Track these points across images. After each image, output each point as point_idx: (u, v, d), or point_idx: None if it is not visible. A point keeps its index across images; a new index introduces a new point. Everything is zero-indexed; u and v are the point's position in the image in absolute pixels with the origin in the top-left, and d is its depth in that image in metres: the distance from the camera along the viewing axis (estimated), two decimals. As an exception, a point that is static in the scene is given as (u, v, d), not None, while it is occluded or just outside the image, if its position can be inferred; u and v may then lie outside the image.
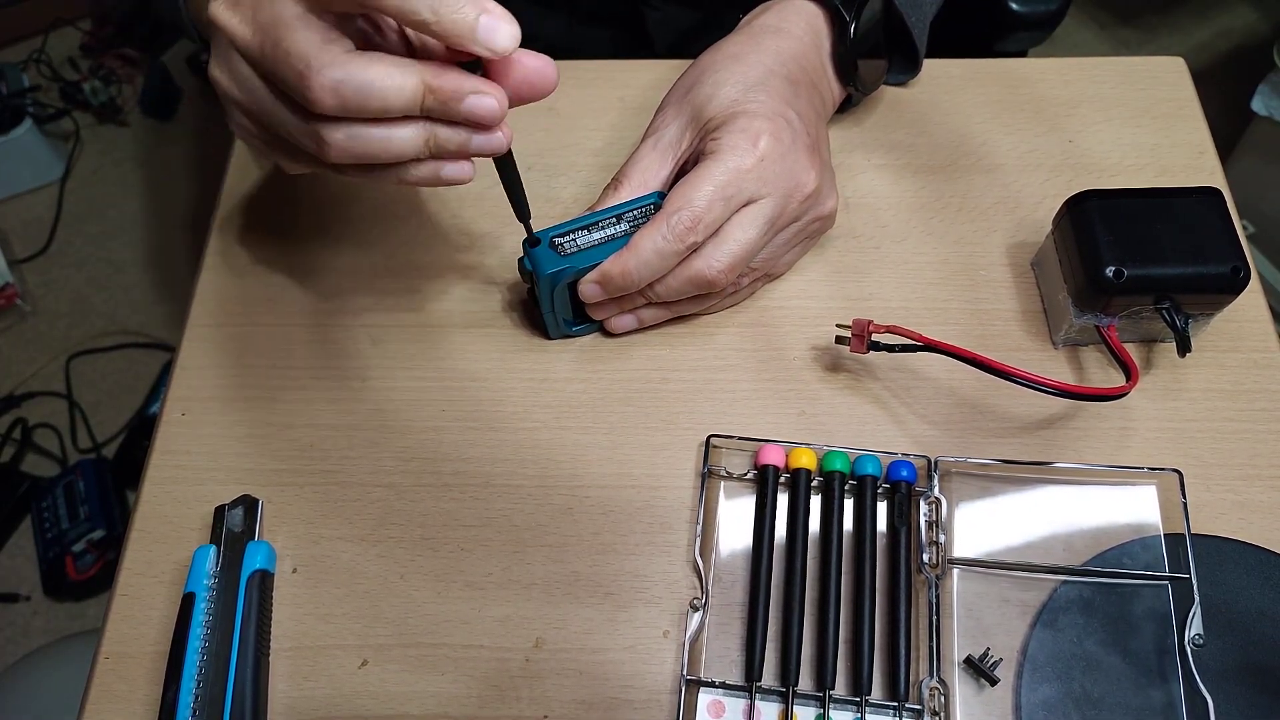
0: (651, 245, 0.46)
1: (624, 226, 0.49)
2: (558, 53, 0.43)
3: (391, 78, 0.37)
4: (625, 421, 0.51)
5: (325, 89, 0.36)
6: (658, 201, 0.49)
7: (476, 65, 0.39)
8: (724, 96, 0.49)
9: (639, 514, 0.48)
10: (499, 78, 0.40)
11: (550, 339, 0.54)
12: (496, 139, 0.40)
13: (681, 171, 0.51)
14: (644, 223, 0.48)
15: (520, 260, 0.49)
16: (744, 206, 0.47)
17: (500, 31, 0.36)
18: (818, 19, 0.54)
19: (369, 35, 0.41)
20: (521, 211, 0.46)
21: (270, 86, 0.39)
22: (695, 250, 0.47)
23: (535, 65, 0.40)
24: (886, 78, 0.61)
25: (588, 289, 0.48)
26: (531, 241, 0.48)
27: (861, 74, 0.56)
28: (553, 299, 0.50)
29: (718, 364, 0.53)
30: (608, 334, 0.54)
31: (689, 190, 0.46)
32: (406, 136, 0.39)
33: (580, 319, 0.53)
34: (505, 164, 0.44)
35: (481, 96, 0.38)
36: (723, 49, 0.52)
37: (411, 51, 0.42)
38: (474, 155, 0.41)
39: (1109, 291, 0.47)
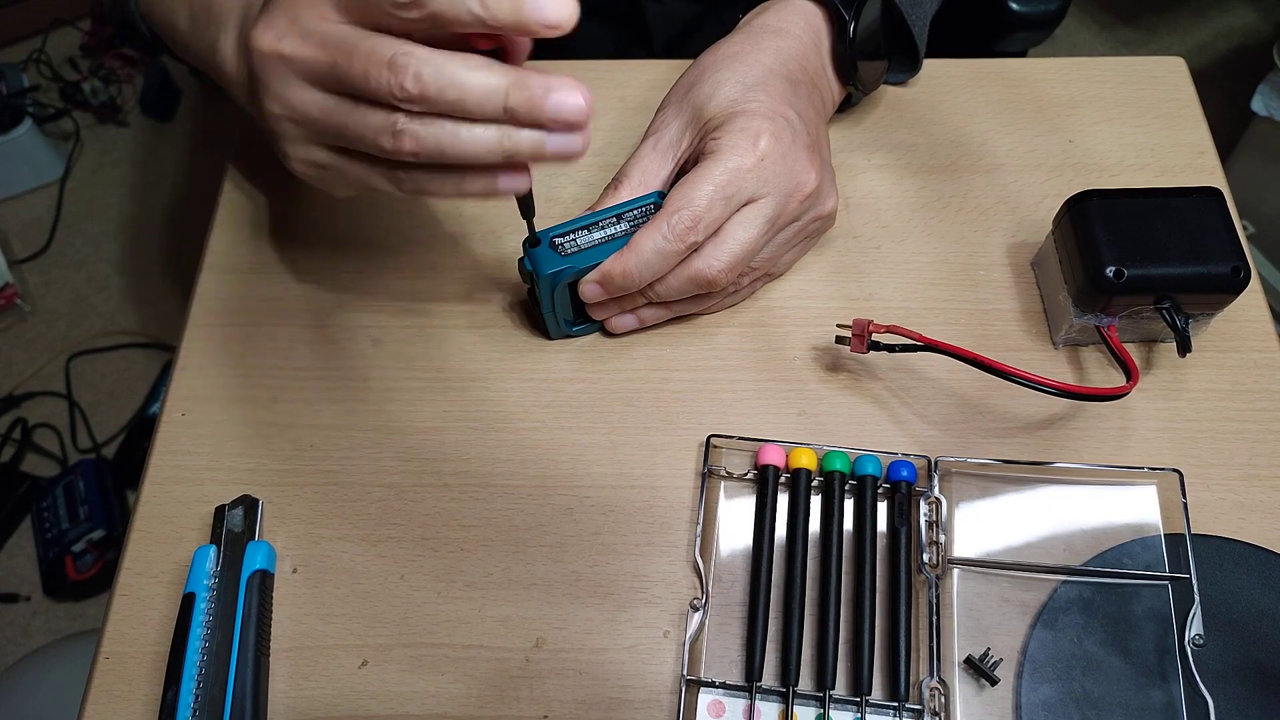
0: (652, 245, 0.46)
1: (624, 226, 0.49)
2: (558, 47, 0.43)
3: (479, 72, 0.37)
4: (625, 421, 0.51)
5: (412, 72, 0.36)
6: (658, 201, 0.49)
7: (498, 55, 0.39)
8: (724, 96, 0.49)
9: (639, 514, 0.48)
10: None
11: (550, 339, 0.54)
12: (575, 141, 0.39)
13: (681, 171, 0.51)
14: (644, 222, 0.48)
15: (520, 260, 0.49)
16: (744, 206, 0.47)
17: (550, 5, 0.36)
18: (817, 18, 0.54)
19: None
20: (527, 209, 0.46)
21: (344, 98, 0.39)
22: (695, 250, 0.47)
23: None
24: (886, 77, 0.61)
25: (588, 289, 0.48)
26: (531, 241, 0.48)
27: (861, 73, 0.56)
28: (553, 299, 0.50)
29: (718, 364, 0.53)
30: (608, 334, 0.54)
31: (689, 190, 0.46)
32: (483, 136, 0.38)
33: (580, 319, 0.53)
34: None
35: (569, 93, 0.37)
36: (722, 49, 0.52)
37: None
38: (549, 159, 0.39)
39: (1109, 291, 0.47)
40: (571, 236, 0.48)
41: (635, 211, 0.49)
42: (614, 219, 0.49)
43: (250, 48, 0.40)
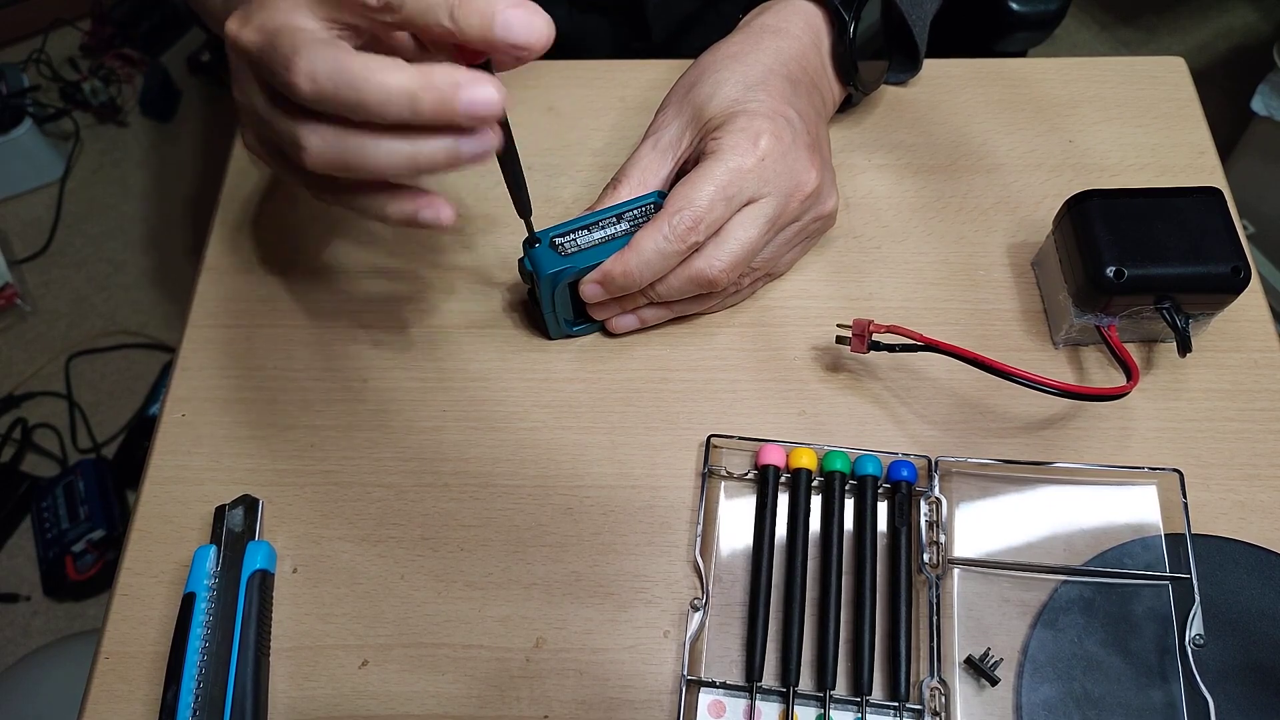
0: (653, 245, 0.46)
1: (624, 226, 0.49)
2: (557, 42, 0.43)
3: (382, 71, 0.34)
4: (625, 421, 0.51)
5: (304, 74, 0.34)
6: (658, 201, 0.49)
7: (486, 67, 0.38)
8: (724, 96, 0.49)
9: (639, 514, 0.48)
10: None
11: (551, 339, 0.54)
12: (488, 140, 0.37)
13: (682, 171, 0.51)
14: (645, 222, 0.48)
15: (520, 261, 0.49)
16: (745, 206, 0.47)
17: (518, 27, 0.34)
18: (817, 19, 0.54)
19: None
20: (523, 208, 0.46)
21: (265, 89, 0.39)
22: (696, 250, 0.47)
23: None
24: (887, 77, 0.61)
25: (589, 289, 0.48)
26: (531, 241, 0.48)
27: (862, 74, 0.56)
28: (553, 299, 0.50)
29: (718, 364, 0.53)
30: (608, 334, 0.54)
31: (690, 190, 0.46)
32: (391, 148, 0.36)
33: (581, 319, 0.53)
34: (508, 159, 0.43)
35: (479, 85, 0.35)
36: (722, 49, 0.52)
37: None
38: (463, 163, 0.37)
39: (1109, 291, 0.47)
40: (572, 236, 0.48)
41: (635, 211, 0.49)
42: (614, 219, 0.49)
43: (226, 33, 0.39)
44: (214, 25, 0.58)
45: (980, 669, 0.43)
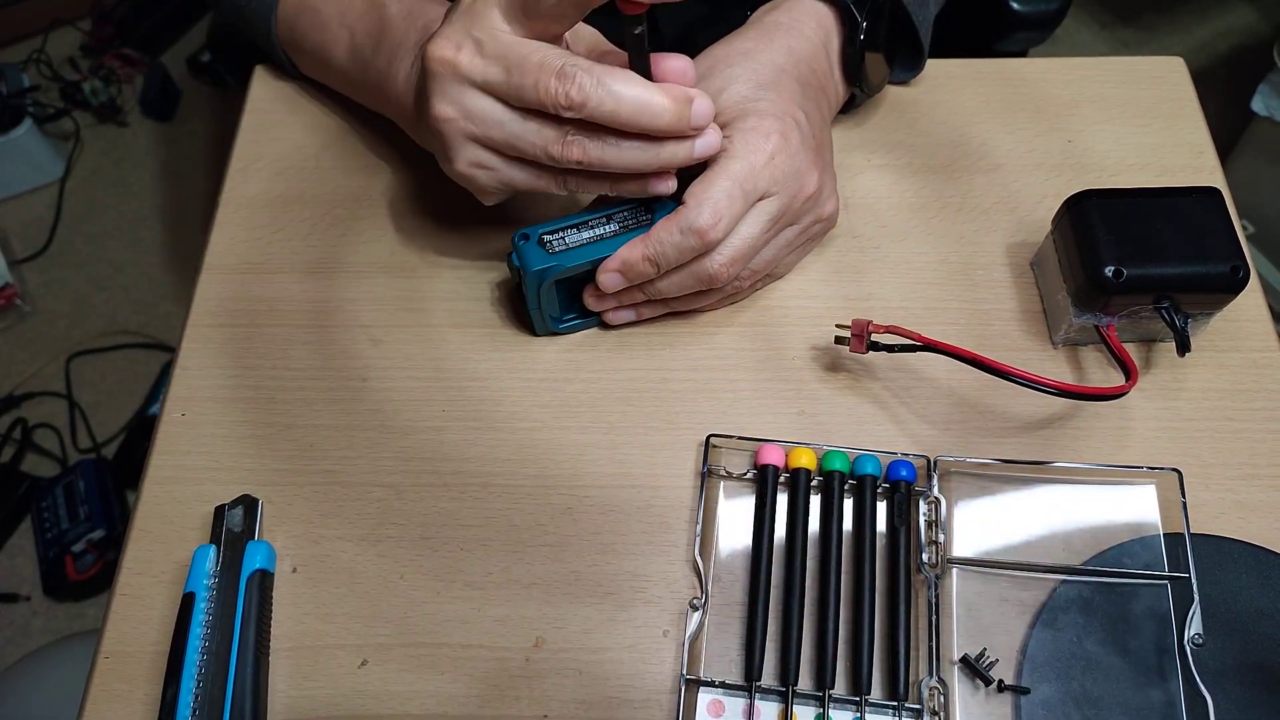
0: (671, 239, 0.46)
1: (613, 227, 0.49)
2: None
3: (635, 88, 0.41)
4: (625, 421, 0.51)
5: (580, 85, 0.41)
6: (647, 202, 0.49)
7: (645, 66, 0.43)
8: (735, 93, 0.49)
9: (639, 514, 0.48)
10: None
11: (536, 335, 0.54)
12: (714, 139, 0.45)
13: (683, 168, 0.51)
14: (633, 224, 0.48)
15: (509, 256, 0.49)
16: (754, 204, 0.48)
17: None
18: (828, 19, 0.54)
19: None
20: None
21: (513, 108, 0.43)
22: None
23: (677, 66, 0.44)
24: (890, 76, 0.61)
25: (609, 279, 0.48)
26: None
27: (869, 75, 0.56)
28: (539, 296, 0.50)
29: (717, 364, 0.53)
30: (599, 331, 0.54)
31: (709, 187, 0.46)
32: (641, 149, 0.43)
33: (569, 315, 0.53)
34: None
35: (703, 98, 0.43)
36: (735, 44, 0.52)
37: None
38: (696, 162, 0.45)
39: (1108, 291, 0.47)
40: (560, 234, 0.48)
41: (624, 212, 0.49)
42: (604, 219, 0.49)
43: (428, 55, 0.43)
44: (329, 77, 0.62)
45: (975, 669, 0.43)
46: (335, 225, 0.59)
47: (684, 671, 0.43)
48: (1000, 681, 0.43)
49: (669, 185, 0.46)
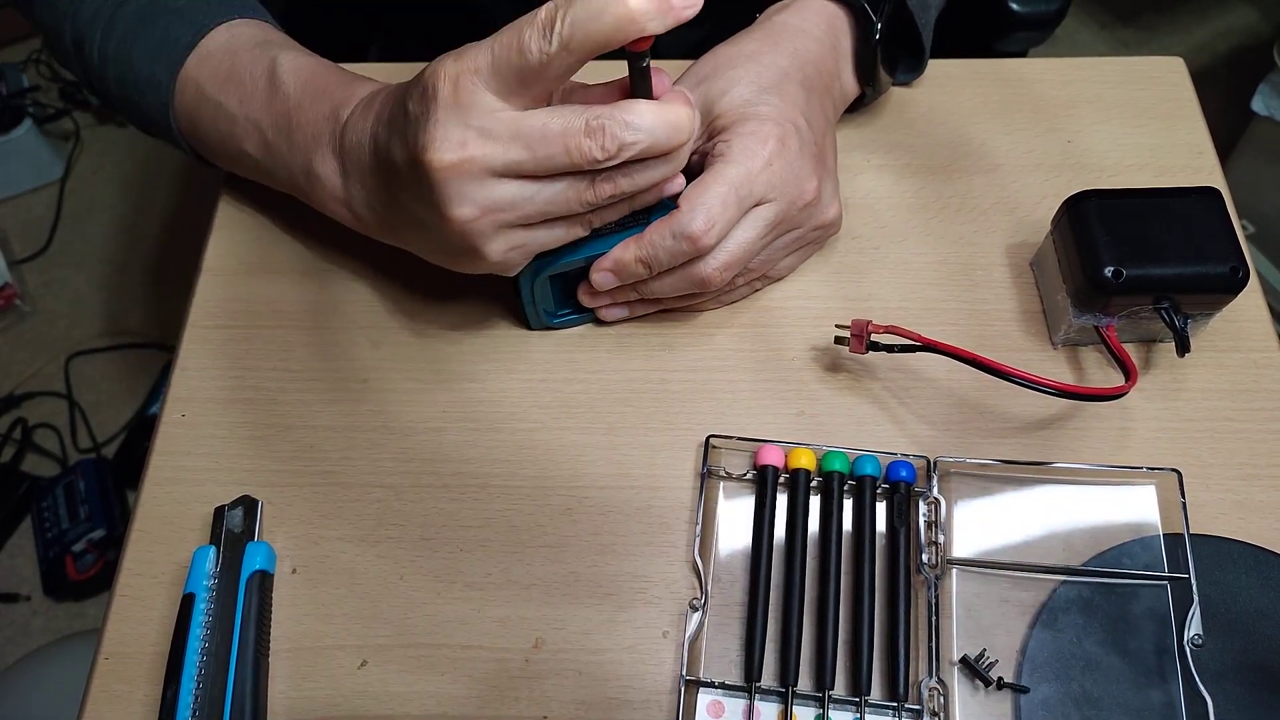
0: (664, 242, 0.46)
1: (609, 224, 0.49)
2: None
3: (651, 111, 0.41)
4: (624, 421, 0.51)
5: (613, 134, 0.40)
6: None
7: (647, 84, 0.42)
8: (736, 96, 0.49)
9: (638, 514, 0.48)
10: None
11: (531, 330, 0.54)
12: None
13: (685, 166, 0.51)
14: (629, 221, 0.48)
15: None
16: (751, 209, 0.48)
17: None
18: (839, 19, 0.54)
19: None
20: None
21: (536, 180, 0.42)
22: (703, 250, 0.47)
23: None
24: (894, 78, 0.60)
25: (602, 277, 0.48)
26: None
27: (880, 74, 0.56)
28: (534, 290, 0.50)
29: (717, 364, 0.53)
30: (598, 331, 0.54)
31: (704, 191, 0.46)
32: (665, 165, 0.43)
33: (563, 311, 0.53)
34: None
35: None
36: (740, 46, 0.52)
37: None
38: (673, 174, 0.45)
39: (1108, 291, 0.47)
40: None
41: None
42: None
43: (431, 167, 0.40)
44: (240, 168, 0.56)
45: (975, 669, 0.43)
46: (335, 226, 0.59)
47: (684, 672, 0.43)
48: (1000, 679, 0.43)
49: (681, 183, 0.45)
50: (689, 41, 0.73)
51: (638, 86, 0.42)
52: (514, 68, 0.38)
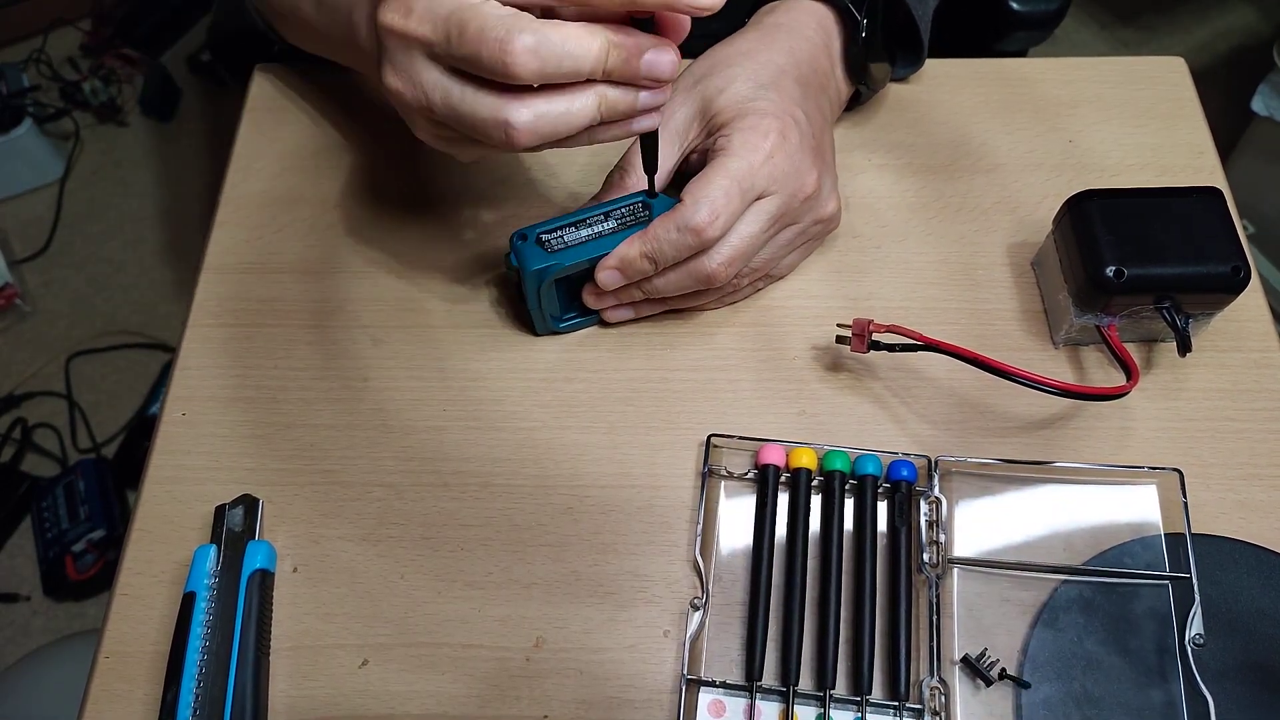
0: (668, 237, 0.46)
1: (611, 224, 0.49)
2: None
3: (581, 39, 0.38)
4: (625, 421, 0.51)
5: (526, 51, 0.37)
6: (645, 200, 0.49)
7: (649, 26, 0.40)
8: (735, 92, 0.49)
9: (639, 513, 0.48)
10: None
11: (537, 335, 0.54)
12: (662, 96, 0.41)
13: (685, 164, 0.51)
14: (630, 221, 0.48)
15: (507, 256, 0.49)
16: (753, 202, 0.48)
17: None
18: (828, 19, 0.54)
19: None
20: (651, 164, 0.47)
21: (459, 77, 0.40)
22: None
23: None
24: (892, 73, 0.61)
25: (607, 276, 0.48)
26: (650, 193, 0.48)
27: (872, 72, 0.56)
28: (539, 295, 0.50)
29: (718, 364, 0.53)
30: (599, 330, 0.54)
31: (706, 185, 0.46)
32: (584, 106, 0.40)
33: (569, 314, 0.53)
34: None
35: (660, 51, 0.39)
36: (735, 45, 0.52)
37: None
38: (640, 113, 0.41)
39: (1109, 291, 0.47)
40: (559, 233, 0.48)
41: (622, 210, 0.49)
42: (601, 216, 0.49)
43: (378, 23, 0.41)
44: (301, 36, 0.59)
45: (976, 669, 0.43)
46: (335, 225, 0.59)
47: (685, 671, 0.43)
48: (1003, 670, 0.43)
49: (654, 120, 0.43)
50: (690, 50, 0.73)
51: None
52: None
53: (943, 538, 0.46)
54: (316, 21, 0.55)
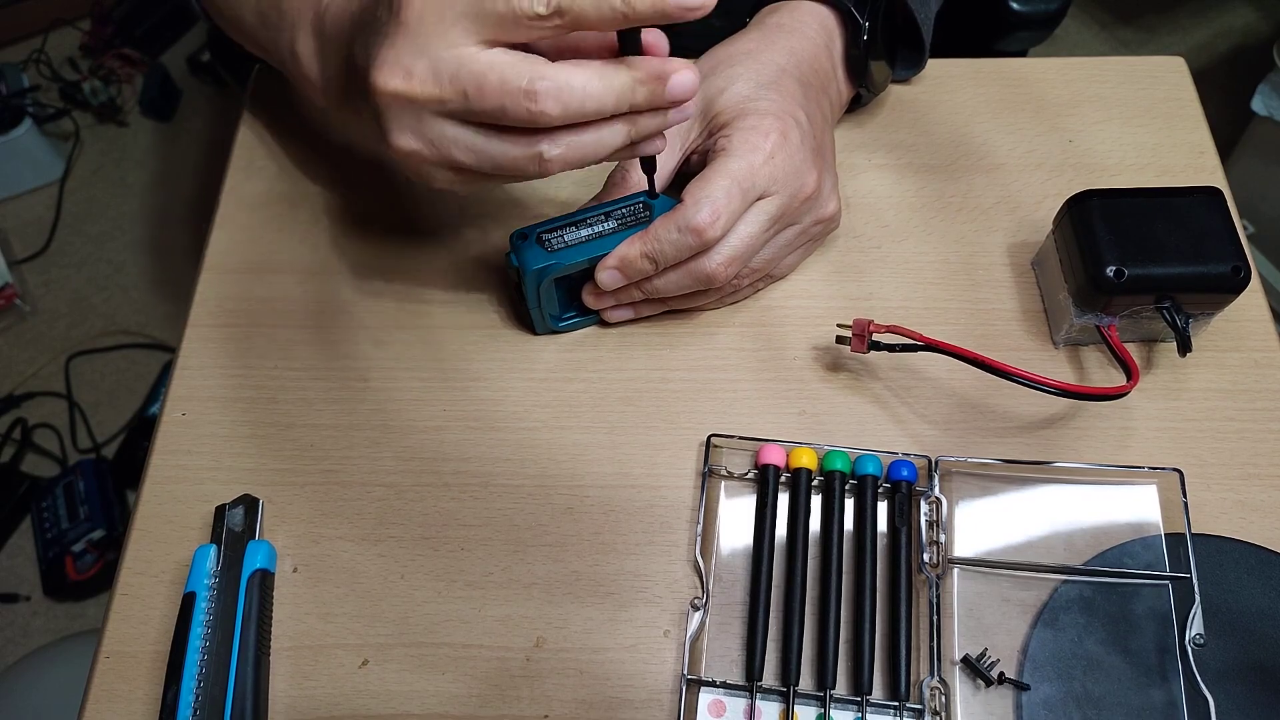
0: (669, 237, 0.46)
1: (611, 224, 0.49)
2: None
3: (603, 80, 0.39)
4: (626, 421, 0.51)
5: (550, 98, 0.37)
6: (645, 200, 0.49)
7: (636, 45, 0.40)
8: (736, 92, 0.49)
9: (639, 513, 0.48)
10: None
11: (536, 334, 0.54)
12: (688, 110, 0.42)
13: (686, 164, 0.51)
14: (631, 221, 0.48)
15: (507, 255, 0.49)
16: (754, 203, 0.48)
17: None
18: (830, 20, 0.54)
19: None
20: (650, 164, 0.47)
21: (478, 128, 0.40)
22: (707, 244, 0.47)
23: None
24: (894, 74, 0.61)
25: (608, 276, 0.48)
26: (651, 195, 0.48)
27: (872, 74, 0.56)
28: (539, 294, 0.50)
29: (718, 363, 0.53)
30: (600, 330, 0.54)
31: (707, 185, 0.46)
32: (615, 132, 0.41)
33: (568, 314, 0.53)
34: None
35: (682, 74, 0.40)
36: (737, 45, 0.52)
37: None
38: (670, 127, 0.43)
39: (1110, 291, 0.47)
40: (559, 233, 0.48)
41: (623, 210, 0.49)
42: (601, 216, 0.49)
43: (375, 89, 0.39)
44: (243, 41, 0.58)
45: (976, 669, 0.43)
46: (335, 225, 0.59)
47: (685, 671, 0.43)
48: (1001, 674, 0.43)
49: (660, 144, 0.43)
50: (694, 48, 0.73)
51: (626, 43, 0.41)
52: (497, 14, 0.37)
53: (943, 538, 0.46)
54: (259, 36, 0.54)
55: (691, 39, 0.43)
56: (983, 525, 0.47)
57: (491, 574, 0.47)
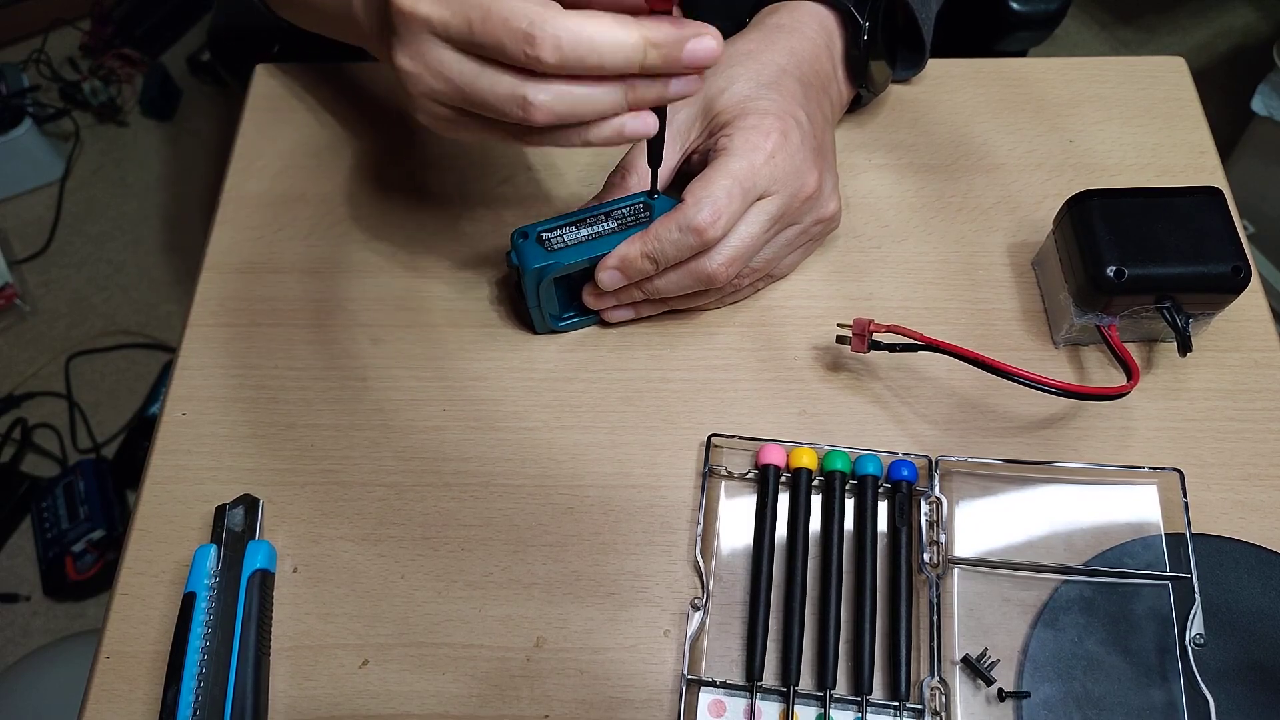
0: (670, 237, 0.46)
1: (612, 224, 0.49)
2: None
3: (614, 33, 0.37)
4: (626, 421, 0.51)
5: (549, 44, 0.36)
6: (646, 201, 0.49)
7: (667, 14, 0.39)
8: (736, 92, 0.49)
9: (640, 513, 0.48)
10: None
11: (536, 333, 0.54)
12: (697, 84, 0.40)
13: (687, 164, 0.51)
14: (631, 221, 0.48)
15: (507, 254, 0.49)
16: (754, 202, 0.48)
17: None
18: (830, 21, 0.54)
19: None
20: (656, 158, 0.46)
21: (477, 60, 0.39)
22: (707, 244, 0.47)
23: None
24: (894, 74, 0.61)
25: (608, 276, 0.48)
26: (651, 193, 0.48)
27: (873, 74, 0.56)
28: (539, 293, 0.50)
29: (718, 363, 0.53)
30: (600, 330, 0.54)
31: (708, 185, 0.46)
32: (609, 92, 0.39)
33: (568, 313, 0.53)
34: (660, 109, 0.43)
35: (701, 39, 0.38)
36: (737, 45, 0.52)
37: None
38: (670, 101, 0.41)
39: (1110, 291, 0.47)
40: (559, 232, 0.48)
41: (623, 210, 0.49)
42: (602, 216, 0.49)
43: (391, 7, 0.40)
44: (297, 11, 0.58)
45: (976, 669, 0.43)
46: (335, 225, 0.59)
47: (685, 671, 0.43)
48: (1001, 690, 0.43)
49: (648, 123, 0.41)
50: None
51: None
52: None
53: (943, 538, 0.46)
54: (326, 3, 0.54)
55: None
56: (983, 525, 0.47)
57: (492, 574, 0.47)
